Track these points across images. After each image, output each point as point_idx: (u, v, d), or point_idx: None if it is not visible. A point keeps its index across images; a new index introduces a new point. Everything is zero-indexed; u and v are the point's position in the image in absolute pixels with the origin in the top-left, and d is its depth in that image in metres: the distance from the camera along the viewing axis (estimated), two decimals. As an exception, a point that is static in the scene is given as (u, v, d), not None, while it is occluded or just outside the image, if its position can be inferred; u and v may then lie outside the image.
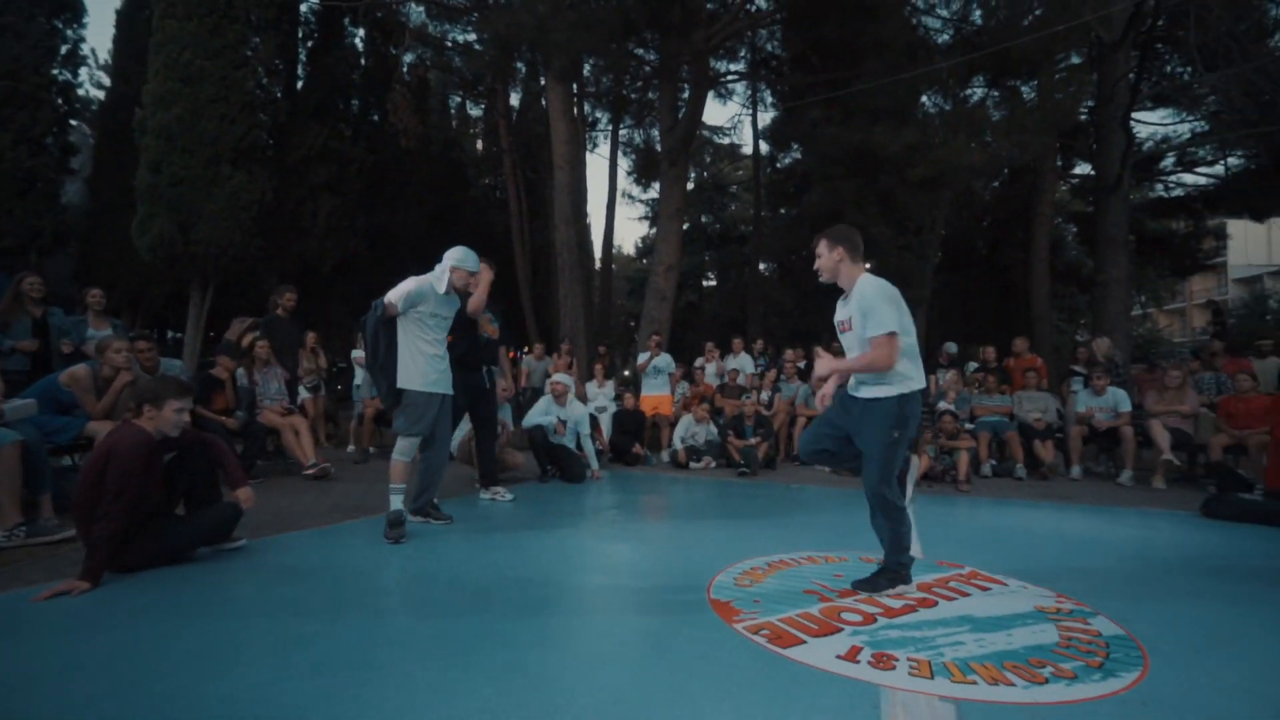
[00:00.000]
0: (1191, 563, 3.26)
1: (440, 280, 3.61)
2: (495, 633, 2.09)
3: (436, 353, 3.61)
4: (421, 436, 3.56)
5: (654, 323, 10.02)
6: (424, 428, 3.53)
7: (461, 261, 3.66)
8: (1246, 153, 12.67)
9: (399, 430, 3.57)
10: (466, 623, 2.19)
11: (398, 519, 3.41)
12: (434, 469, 3.75)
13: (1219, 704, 1.70)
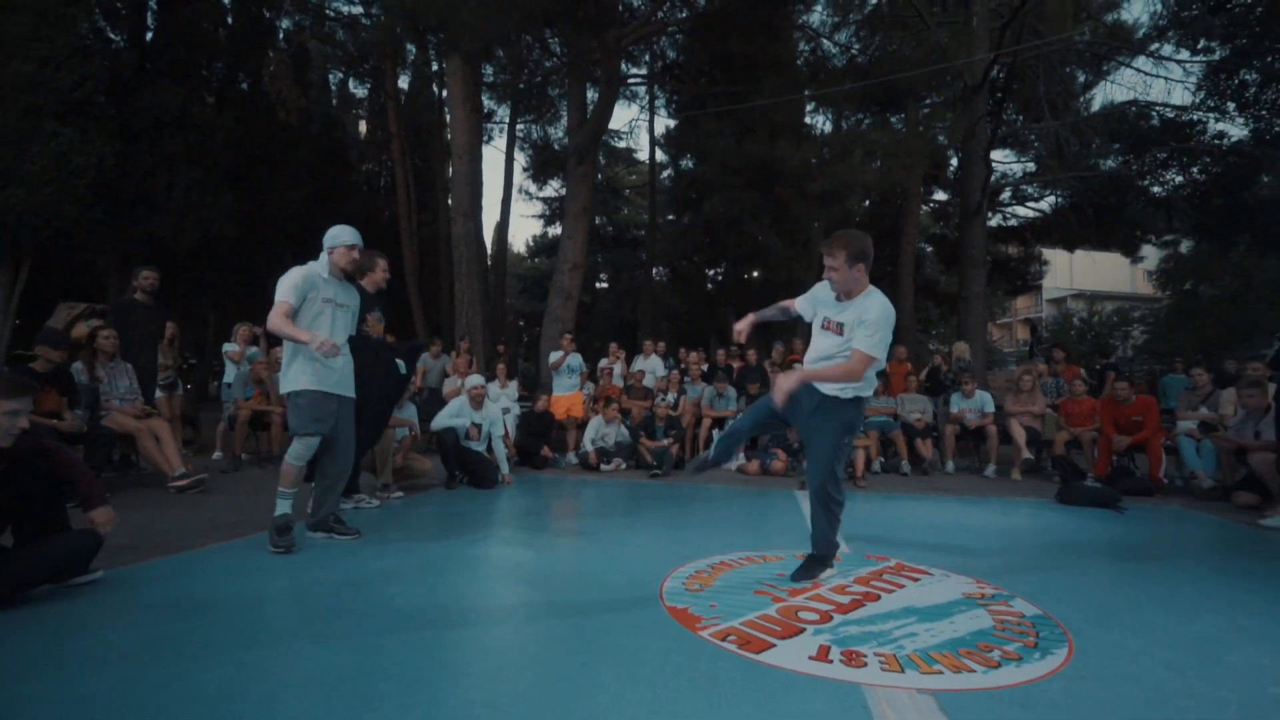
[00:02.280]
0: (1066, 544, 3.68)
1: (323, 264, 3.26)
2: (440, 665, 1.87)
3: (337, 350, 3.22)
4: (318, 437, 3.16)
5: (559, 321, 9.81)
6: (321, 428, 3.15)
7: (336, 238, 3.32)
8: (1063, 193, 14.84)
9: (292, 431, 3.17)
10: (397, 655, 1.93)
11: (284, 524, 3.06)
12: (334, 479, 3.36)
13: (1137, 670, 1.90)
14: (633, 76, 15.56)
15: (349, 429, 3.36)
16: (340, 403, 3.26)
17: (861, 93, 9.75)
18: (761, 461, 6.25)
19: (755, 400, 3.22)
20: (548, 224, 25.97)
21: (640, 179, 22.99)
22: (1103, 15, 12.13)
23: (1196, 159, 11.62)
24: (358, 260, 3.39)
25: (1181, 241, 17.39)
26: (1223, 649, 2.09)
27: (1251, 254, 13.73)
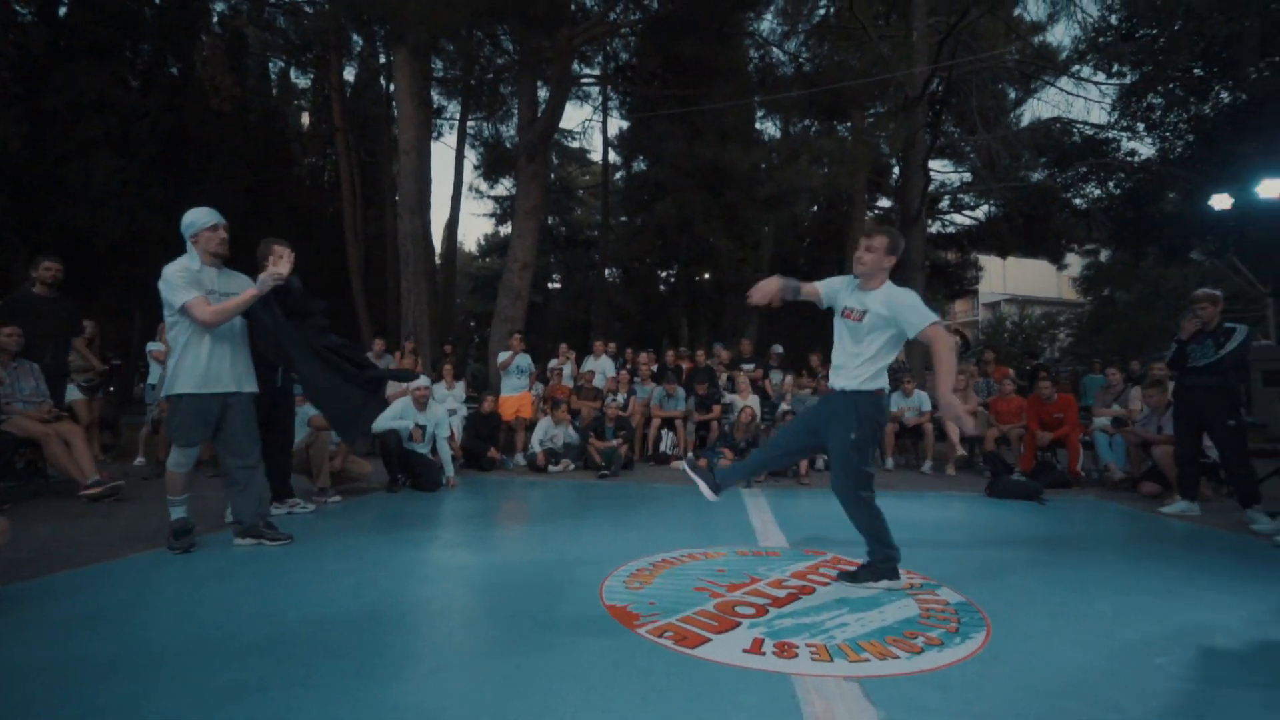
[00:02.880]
0: (992, 535, 3.87)
1: (191, 256, 3.06)
2: (369, 671, 1.82)
3: (222, 345, 3.05)
4: (194, 445, 3.04)
5: (509, 321, 9.69)
6: (198, 435, 3.02)
7: (194, 223, 3.06)
8: (996, 203, 15.64)
9: (170, 437, 3.07)
10: (323, 663, 1.88)
11: (181, 528, 3.00)
12: (242, 482, 3.17)
13: (1045, 649, 2.02)
14: (585, 77, 15.52)
15: (246, 426, 3.17)
16: (230, 400, 3.08)
17: (808, 100, 10.04)
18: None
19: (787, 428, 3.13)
20: (499, 223, 25.63)
21: (594, 179, 22.96)
22: (1030, 37, 12.86)
23: (1112, 174, 12.45)
24: (225, 239, 3.12)
25: (1101, 251, 18.59)
26: (1119, 626, 2.25)
27: (1159, 263, 14.79)
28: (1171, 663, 1.96)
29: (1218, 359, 4.26)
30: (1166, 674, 1.88)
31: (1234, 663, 2.02)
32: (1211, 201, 8.17)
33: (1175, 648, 2.07)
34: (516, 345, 7.54)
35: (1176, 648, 2.07)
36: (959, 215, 17.45)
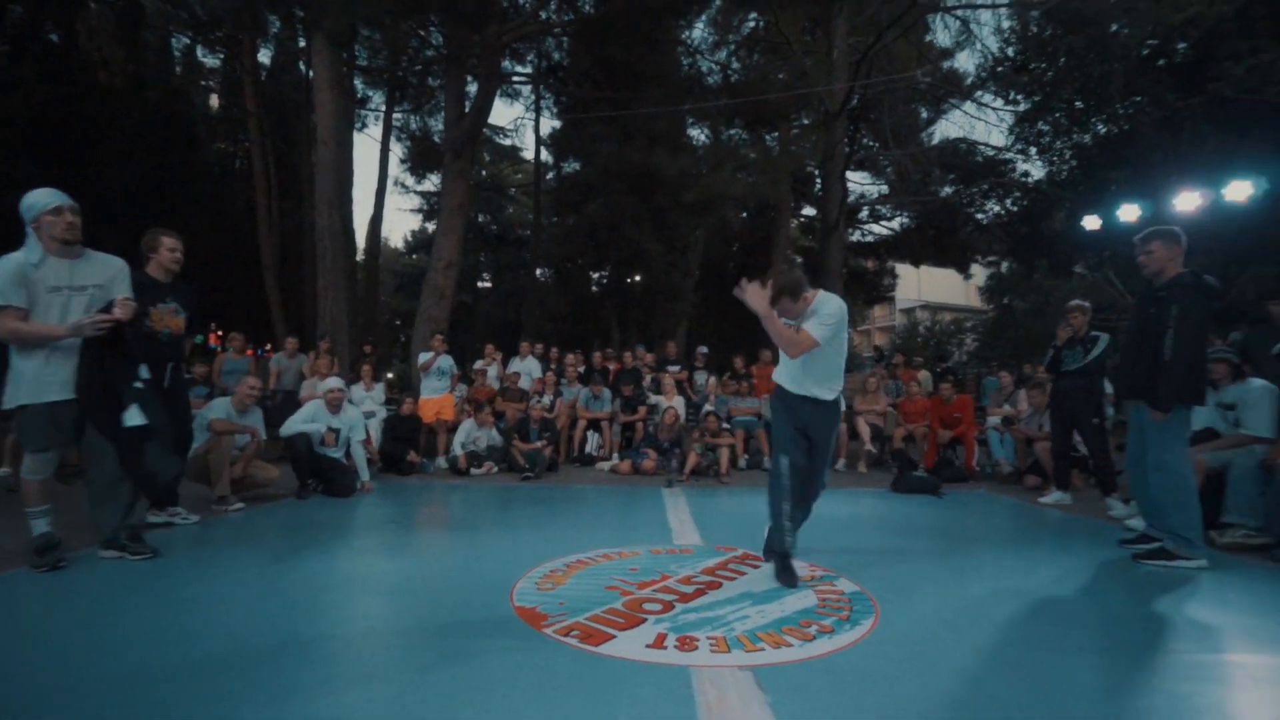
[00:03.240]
0: (892, 527, 4.13)
1: (32, 246, 2.72)
2: (255, 685, 1.75)
3: (63, 349, 2.75)
4: (46, 450, 2.81)
5: (432, 321, 9.43)
6: (48, 440, 2.78)
7: (33, 205, 2.72)
8: (909, 215, 16.65)
9: (22, 445, 2.84)
10: (210, 682, 1.80)
11: (44, 543, 2.78)
12: (106, 489, 2.93)
13: (925, 631, 2.19)
14: (517, 75, 15.34)
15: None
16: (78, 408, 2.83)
17: (734, 109, 10.34)
18: (633, 461, 6.40)
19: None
20: (426, 219, 24.85)
21: (526, 178, 22.69)
22: (939, 62, 13.77)
23: (1009, 193, 13.52)
24: (74, 223, 2.76)
25: (1002, 262, 20.11)
26: (991, 607, 2.47)
27: (1049, 275, 16.16)
28: (1021, 635, 2.17)
29: (1085, 364, 4.73)
30: (1018, 645, 2.08)
31: (1078, 629, 2.26)
32: (1084, 222, 9.03)
33: (1032, 622, 2.30)
34: (438, 346, 7.36)
35: (1033, 622, 2.30)
36: (876, 225, 18.47)
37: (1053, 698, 1.72)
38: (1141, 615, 2.46)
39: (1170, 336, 3.02)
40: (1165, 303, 3.11)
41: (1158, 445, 3.14)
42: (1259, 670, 1.94)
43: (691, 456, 6.19)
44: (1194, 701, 1.70)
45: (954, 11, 12.42)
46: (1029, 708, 1.66)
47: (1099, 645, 2.15)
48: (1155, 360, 3.07)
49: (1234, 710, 1.68)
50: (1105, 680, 1.85)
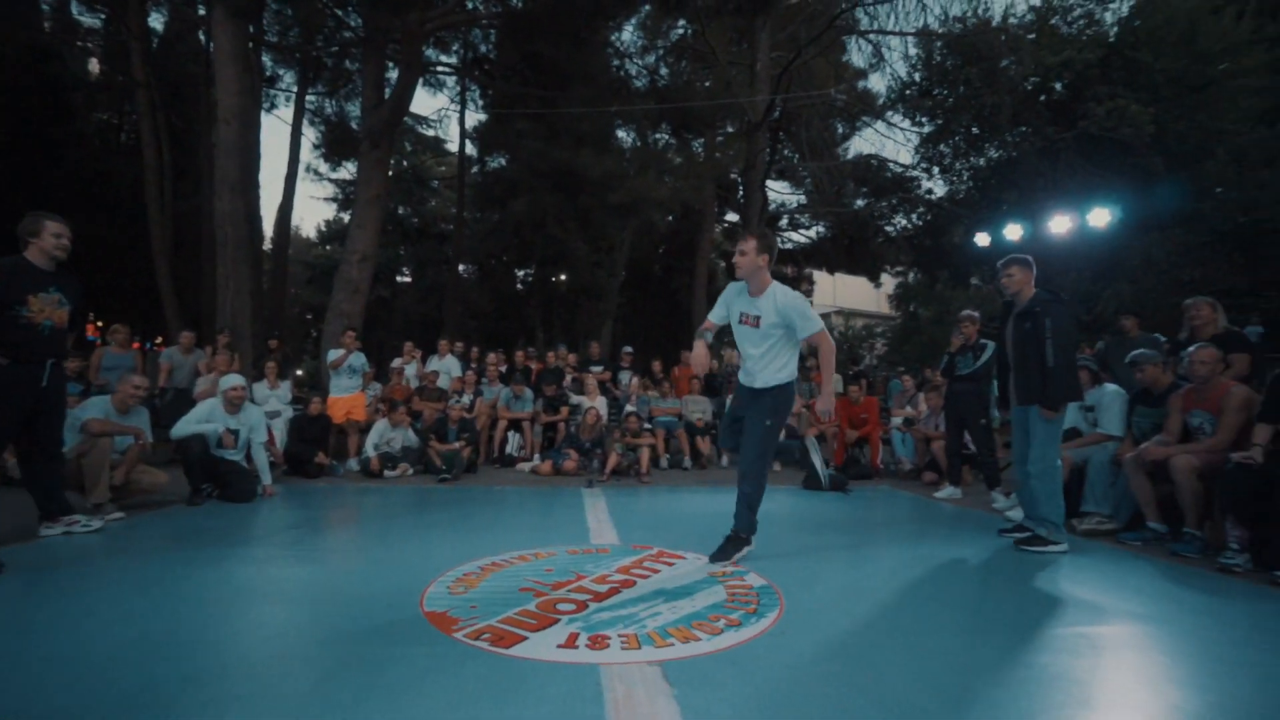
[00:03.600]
0: (801, 523, 4.34)
1: None
2: (139, 706, 1.64)
3: None
4: None
5: (344, 316, 8.99)
6: None
7: None
8: (825, 224, 17.48)
9: None
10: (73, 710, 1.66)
11: None
12: None
13: (825, 621, 2.33)
14: (441, 65, 14.88)
15: None
16: None
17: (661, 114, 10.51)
18: (554, 462, 6.38)
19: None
20: (342, 209, 23.64)
21: (449, 171, 22.01)
22: (855, 82, 14.56)
23: (915, 208, 14.48)
24: None
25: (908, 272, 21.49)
26: (887, 595, 2.66)
27: (950, 286, 17.45)
28: (912, 620, 2.36)
29: (975, 369, 5.17)
30: (908, 630, 2.25)
31: (961, 612, 2.47)
32: (976, 238, 9.86)
33: (922, 606, 2.50)
34: (350, 343, 7.04)
35: (923, 606, 2.50)
36: (795, 233, 19.25)
37: (936, 675, 1.87)
38: (1014, 596, 2.72)
39: (1050, 346, 3.40)
40: (1040, 317, 3.49)
41: (1041, 443, 3.49)
42: (1102, 639, 2.20)
43: (612, 457, 6.24)
44: (1049, 670, 1.91)
45: (867, 35, 13.18)
46: (914, 686, 1.80)
47: (977, 625, 2.36)
48: (1041, 367, 3.44)
49: (1079, 676, 1.89)
50: (979, 656, 2.04)
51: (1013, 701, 1.72)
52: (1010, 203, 11.01)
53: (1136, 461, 3.73)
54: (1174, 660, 2.05)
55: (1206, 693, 1.80)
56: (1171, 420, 3.79)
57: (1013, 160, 10.97)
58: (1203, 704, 1.73)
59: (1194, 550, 3.42)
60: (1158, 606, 2.62)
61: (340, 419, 6.72)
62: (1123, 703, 1.74)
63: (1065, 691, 1.79)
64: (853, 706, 1.68)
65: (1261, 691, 1.82)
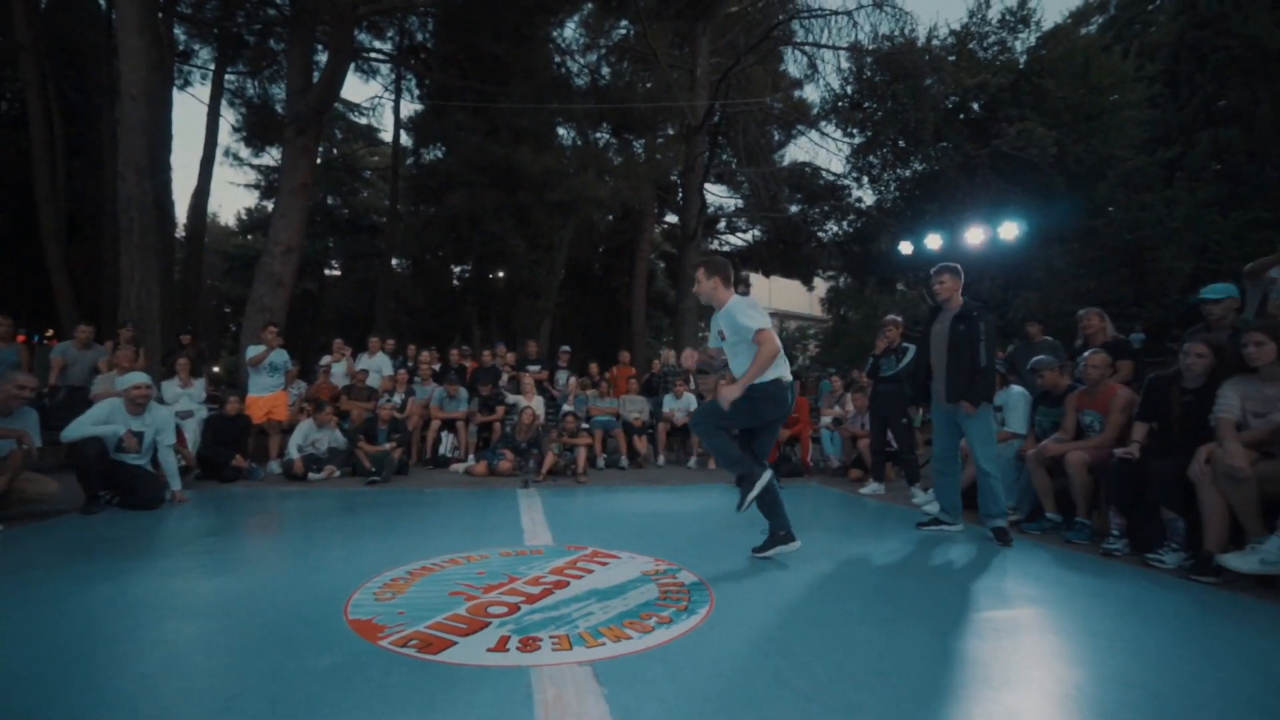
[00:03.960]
0: (733, 521, 4.43)
1: None
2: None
3: None
4: None
5: (266, 311, 8.51)
6: None
7: None
8: (762, 228, 17.95)
9: None
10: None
11: None
12: None
13: (752, 616, 2.41)
14: (375, 52, 14.32)
15: None
16: None
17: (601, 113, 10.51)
18: (489, 462, 6.27)
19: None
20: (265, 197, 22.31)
21: (383, 161, 21.19)
22: (790, 91, 15.02)
23: (846, 215, 15.10)
24: None
25: (839, 277, 22.36)
26: (813, 588, 2.78)
27: (877, 290, 18.30)
28: (836, 612, 2.47)
29: (897, 370, 5.45)
30: (831, 620, 2.36)
31: (881, 602, 2.61)
32: (900, 246, 10.42)
33: (846, 599, 2.62)
34: (271, 339, 6.67)
35: (847, 599, 2.62)
36: (732, 236, 19.67)
37: (856, 664, 1.97)
38: (929, 585, 2.89)
39: (983, 348, 3.68)
40: (975, 321, 3.74)
41: (983, 442, 3.79)
42: (1003, 622, 2.38)
43: (549, 457, 6.20)
44: (957, 653, 2.05)
45: (802, 47, 13.61)
46: (836, 675, 1.89)
47: (895, 614, 2.49)
48: (974, 367, 3.69)
49: (983, 657, 2.04)
50: (896, 643, 2.16)
51: (925, 685, 1.84)
52: (932, 213, 11.67)
53: (1037, 457, 4.04)
54: (1061, 638, 2.25)
55: (1089, 666, 1.98)
56: (1067, 419, 4.13)
57: (935, 173, 11.65)
58: (1084, 676, 1.90)
59: (1083, 537, 3.74)
60: (1051, 590, 2.86)
61: (260, 419, 6.37)
62: (1017, 680, 1.89)
63: (970, 672, 1.93)
64: (777, 697, 1.75)
65: (1136, 662, 2.02)
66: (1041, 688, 1.85)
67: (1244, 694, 1.83)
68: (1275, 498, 2.79)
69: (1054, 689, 1.84)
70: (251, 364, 6.57)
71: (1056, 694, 1.80)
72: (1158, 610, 2.59)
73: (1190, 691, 1.82)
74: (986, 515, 3.82)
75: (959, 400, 3.78)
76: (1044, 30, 11.81)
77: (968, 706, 1.72)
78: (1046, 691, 1.82)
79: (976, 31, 11.83)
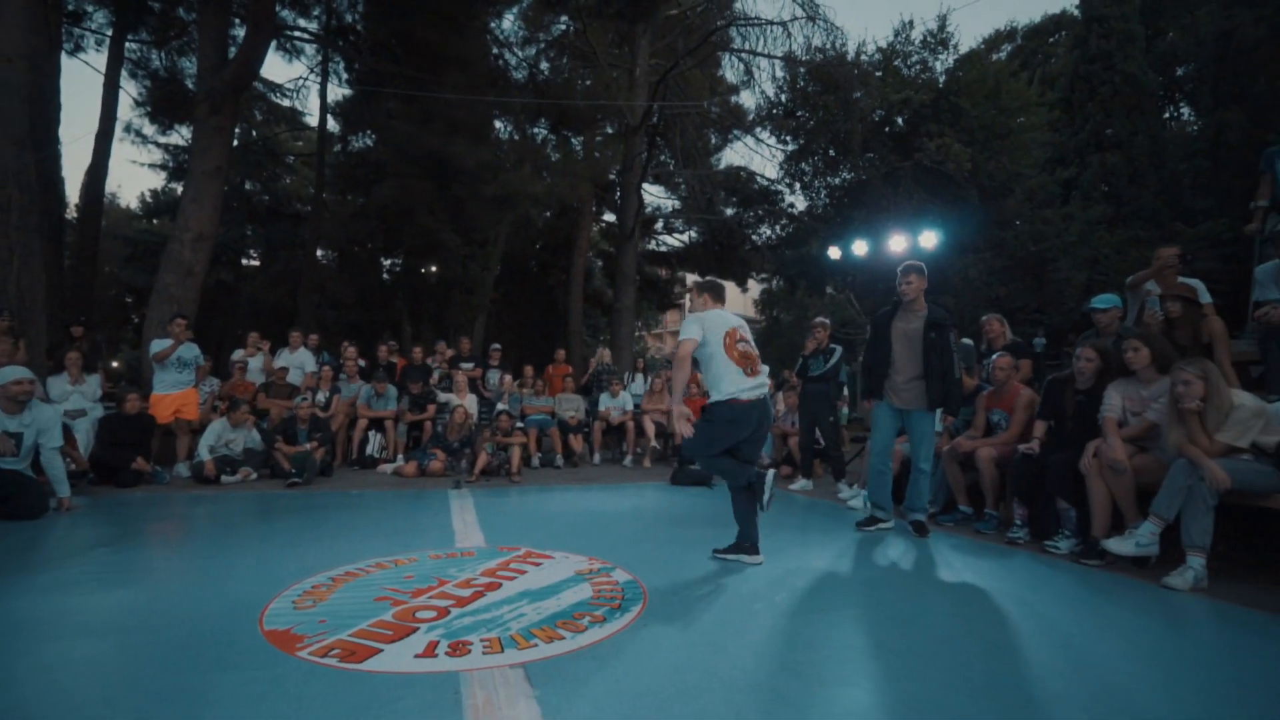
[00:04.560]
0: (667, 518, 4.51)
1: None
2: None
3: None
4: None
5: (174, 302, 7.90)
6: None
7: None
8: (698, 230, 18.23)
9: None
10: None
11: None
12: None
13: (684, 611, 2.45)
14: (300, 30, 13.54)
15: None
16: None
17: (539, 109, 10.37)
18: (420, 462, 6.08)
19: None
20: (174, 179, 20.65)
21: (308, 147, 20.08)
22: (728, 96, 15.32)
23: (778, 220, 15.56)
24: None
25: (772, 280, 23.01)
26: (743, 584, 2.85)
27: (808, 293, 18.96)
28: (764, 605, 2.55)
29: (825, 370, 5.67)
30: (759, 614, 2.44)
31: (810, 594, 2.71)
32: (829, 251, 10.86)
33: (775, 593, 2.70)
34: (179, 333, 6.20)
35: (775, 592, 2.71)
36: (670, 237, 19.88)
37: (783, 655, 2.04)
38: (852, 577, 3.03)
39: (956, 359, 3.80)
40: (946, 331, 3.83)
41: (929, 442, 3.95)
42: (919, 609, 2.53)
43: (481, 456, 6.07)
44: (876, 640, 2.16)
45: (739, 54, 13.91)
46: (765, 667, 1.95)
47: (821, 605, 2.59)
48: (947, 377, 3.78)
49: (899, 645, 2.15)
50: (821, 634, 2.25)
51: (847, 674, 1.93)
52: (859, 220, 12.22)
53: (951, 453, 4.30)
54: (969, 621, 2.41)
55: (990, 642, 2.13)
56: (978, 418, 4.42)
57: (862, 182, 12.21)
58: (983, 646, 2.04)
59: (991, 528, 4.02)
60: (961, 577, 3.06)
61: (167, 418, 5.91)
62: (931, 662, 2.01)
63: (884, 660, 2.03)
64: (707, 690, 1.79)
65: (1036, 635, 2.19)
66: (948, 665, 1.97)
67: (1118, 658, 2.02)
68: (1150, 487, 3.10)
69: (961, 665, 1.96)
70: (157, 359, 6.09)
71: (961, 674, 1.92)
72: (1052, 592, 2.82)
73: (1080, 659, 2.00)
74: (910, 509, 4.03)
75: (934, 408, 3.87)
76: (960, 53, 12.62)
77: (883, 686, 1.82)
78: (951, 667, 1.95)
79: (901, 50, 12.49)
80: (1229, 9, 14.48)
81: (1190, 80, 17.49)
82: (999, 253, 12.53)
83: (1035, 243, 12.54)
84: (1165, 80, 17.55)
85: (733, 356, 3.15)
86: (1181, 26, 16.62)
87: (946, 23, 12.31)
